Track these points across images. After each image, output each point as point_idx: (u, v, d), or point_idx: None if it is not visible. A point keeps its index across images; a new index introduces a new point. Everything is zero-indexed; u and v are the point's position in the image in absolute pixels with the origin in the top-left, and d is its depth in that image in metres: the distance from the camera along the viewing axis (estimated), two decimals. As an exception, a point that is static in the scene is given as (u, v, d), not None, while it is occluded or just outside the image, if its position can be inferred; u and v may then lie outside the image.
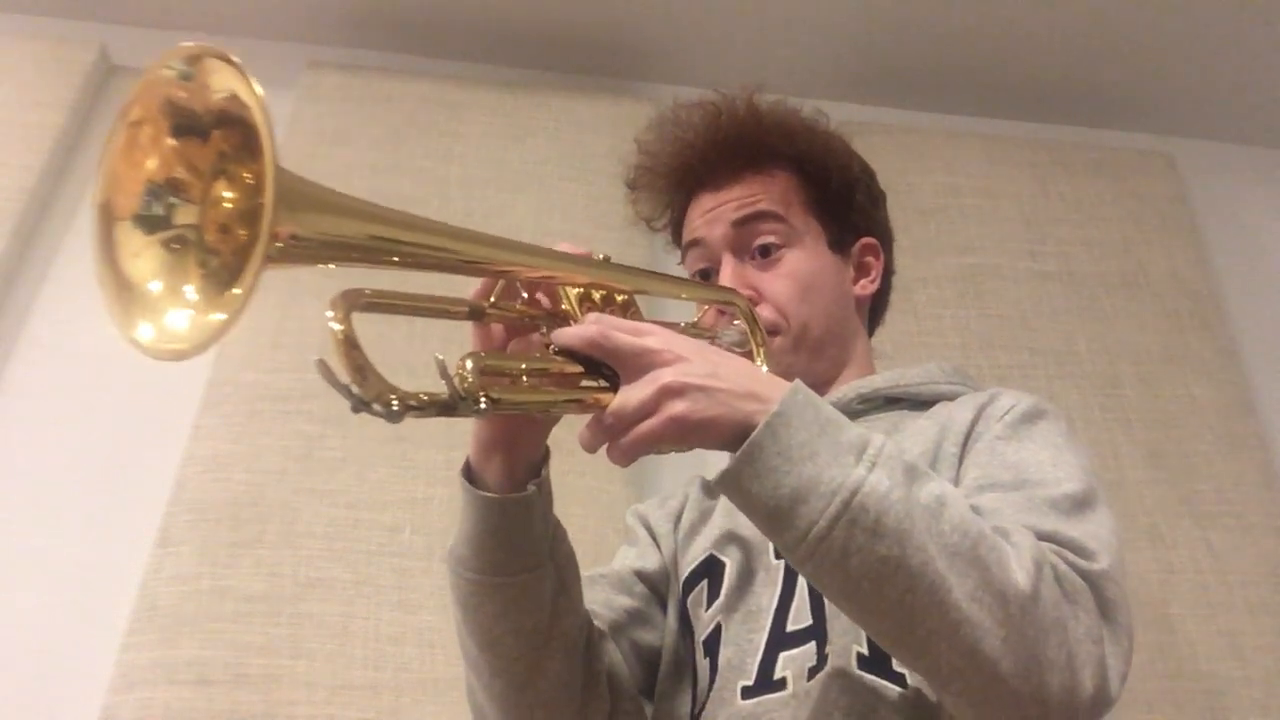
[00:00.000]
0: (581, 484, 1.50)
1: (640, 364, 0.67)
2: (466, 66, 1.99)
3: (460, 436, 1.47)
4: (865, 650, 0.79)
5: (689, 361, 0.67)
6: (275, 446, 1.51)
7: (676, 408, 0.65)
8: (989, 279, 1.86)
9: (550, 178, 1.83)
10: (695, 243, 1.06)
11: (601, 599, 0.96)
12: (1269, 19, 1.85)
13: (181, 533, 1.44)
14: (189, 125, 0.55)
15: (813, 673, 0.81)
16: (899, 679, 0.78)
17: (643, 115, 1.92)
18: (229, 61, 0.53)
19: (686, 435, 0.66)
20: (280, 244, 0.52)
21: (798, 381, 0.69)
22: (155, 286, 0.54)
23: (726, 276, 1.01)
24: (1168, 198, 2.00)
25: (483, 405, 0.62)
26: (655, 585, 1.01)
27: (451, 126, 1.86)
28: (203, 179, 0.55)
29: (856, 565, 0.63)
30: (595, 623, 0.92)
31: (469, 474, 0.80)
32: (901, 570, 0.63)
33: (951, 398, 0.96)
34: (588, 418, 0.69)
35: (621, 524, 1.48)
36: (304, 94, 1.86)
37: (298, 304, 1.62)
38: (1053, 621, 0.65)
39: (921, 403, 0.98)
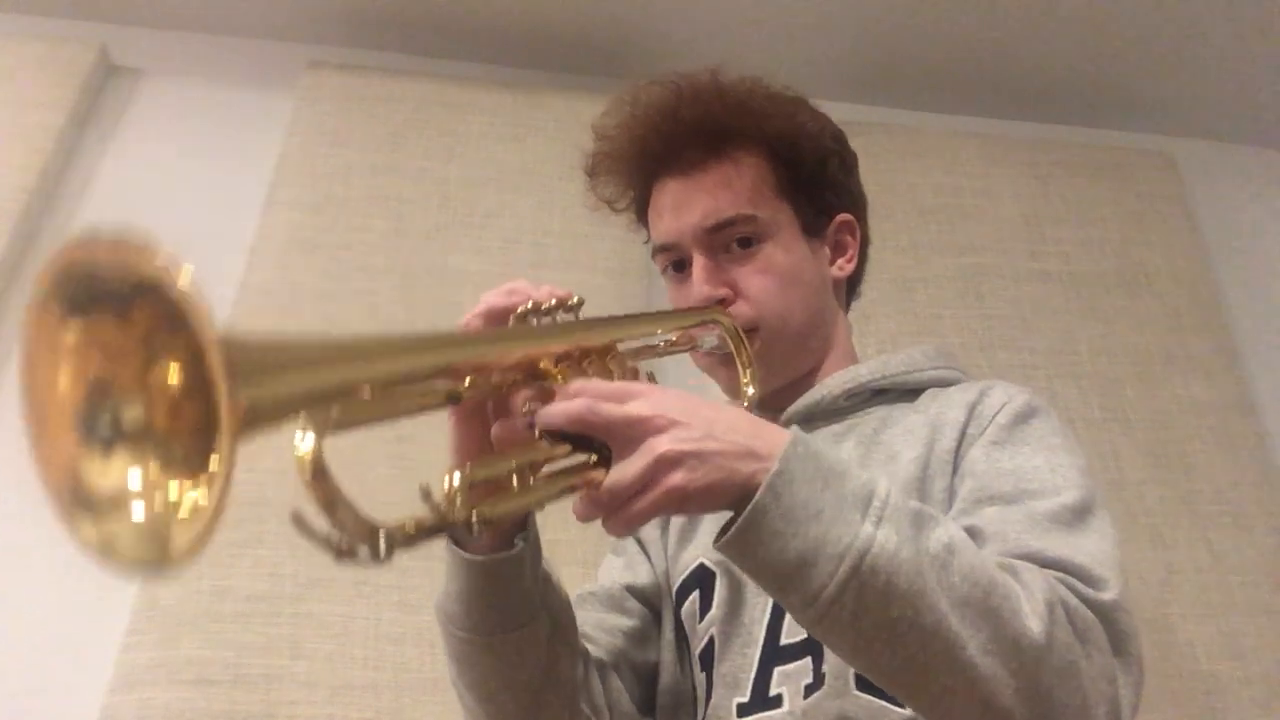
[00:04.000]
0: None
1: (632, 435, 0.63)
2: (466, 66, 1.99)
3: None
4: (877, 684, 0.77)
5: (682, 425, 0.63)
6: (275, 446, 1.50)
7: (674, 479, 0.62)
8: (989, 279, 1.85)
9: (550, 178, 1.82)
10: (665, 247, 1.01)
11: (594, 620, 0.94)
12: (1269, 19, 1.85)
13: (181, 533, 1.43)
14: (93, 305, 0.48)
15: (809, 690, 0.80)
16: (898, 700, 0.77)
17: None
18: (131, 244, 0.45)
19: (686, 504, 0.64)
20: (239, 418, 0.46)
21: (796, 432, 0.66)
22: (133, 487, 0.48)
23: (700, 275, 0.96)
24: (1168, 198, 2.00)
25: (476, 530, 0.59)
26: (648, 599, 0.99)
27: (451, 126, 1.86)
28: (134, 365, 0.48)
29: (868, 627, 0.62)
30: (592, 650, 0.90)
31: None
32: (914, 630, 0.62)
33: (940, 384, 0.94)
34: None
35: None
36: (304, 94, 1.86)
37: (297, 305, 1.63)
38: (1066, 665, 0.64)
39: (908, 391, 0.96)
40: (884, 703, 0.76)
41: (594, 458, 0.65)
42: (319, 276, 1.67)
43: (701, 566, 0.93)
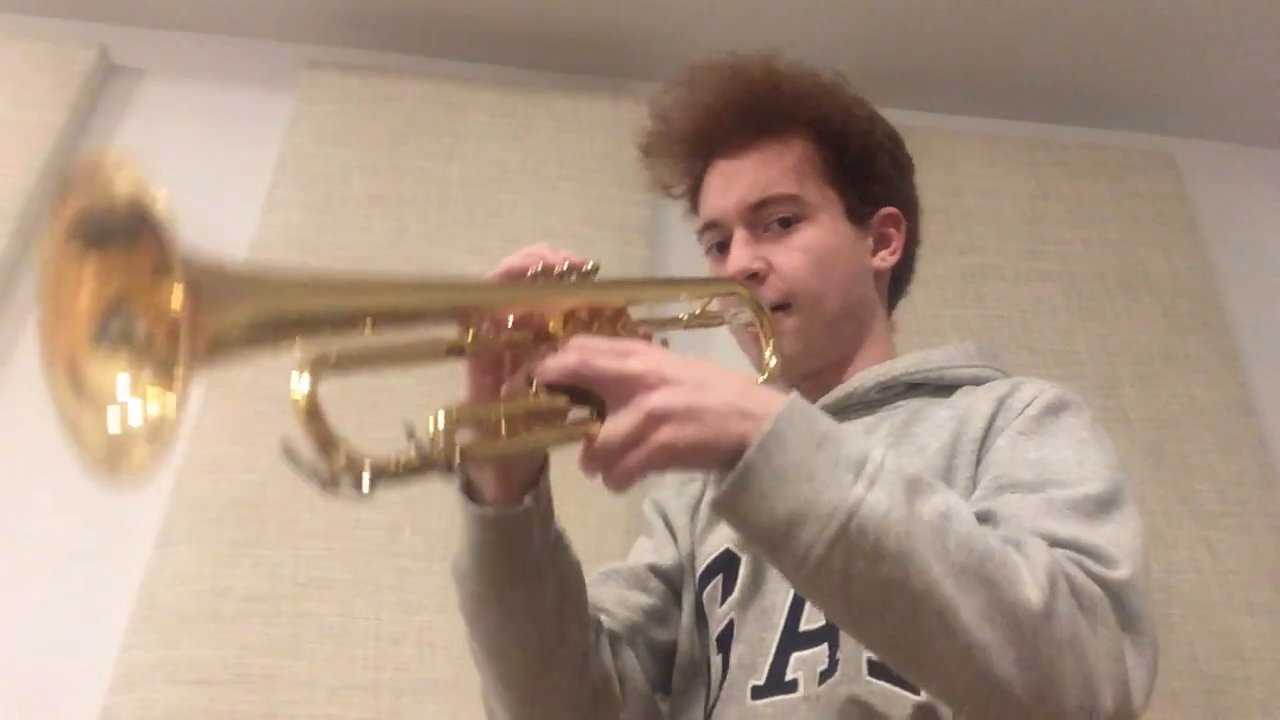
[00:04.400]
0: (581, 483, 1.50)
1: (625, 390, 0.64)
2: (466, 66, 1.99)
3: (460, 436, 1.43)
4: (875, 656, 0.77)
5: (675, 383, 0.64)
6: (275, 446, 1.50)
7: (663, 435, 0.62)
8: (989, 279, 1.86)
9: (550, 178, 1.83)
10: (710, 225, 1.03)
11: (615, 596, 0.95)
12: (1270, 19, 1.85)
13: (181, 533, 1.44)
14: (111, 241, 0.52)
15: (824, 676, 0.80)
16: (913, 685, 0.76)
17: (643, 115, 1.92)
18: (121, 160, 0.49)
19: (677, 461, 0.64)
20: (206, 342, 0.49)
21: (794, 394, 0.66)
22: (123, 390, 0.51)
23: (737, 249, 0.98)
24: (1168, 198, 2.00)
25: (455, 468, 0.60)
26: (671, 580, 0.99)
27: (451, 126, 1.86)
28: (144, 287, 0.52)
29: (858, 590, 0.61)
30: (608, 621, 0.91)
31: (466, 486, 0.79)
32: (905, 593, 0.61)
33: (976, 382, 0.93)
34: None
35: (620, 523, 1.49)
36: (304, 94, 1.86)
37: (298, 304, 1.62)
38: (1068, 639, 0.62)
39: (944, 387, 0.95)
40: (897, 689, 0.76)
41: (590, 411, 0.66)
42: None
43: (727, 552, 0.94)
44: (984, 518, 0.72)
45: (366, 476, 0.54)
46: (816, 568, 0.61)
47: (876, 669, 0.77)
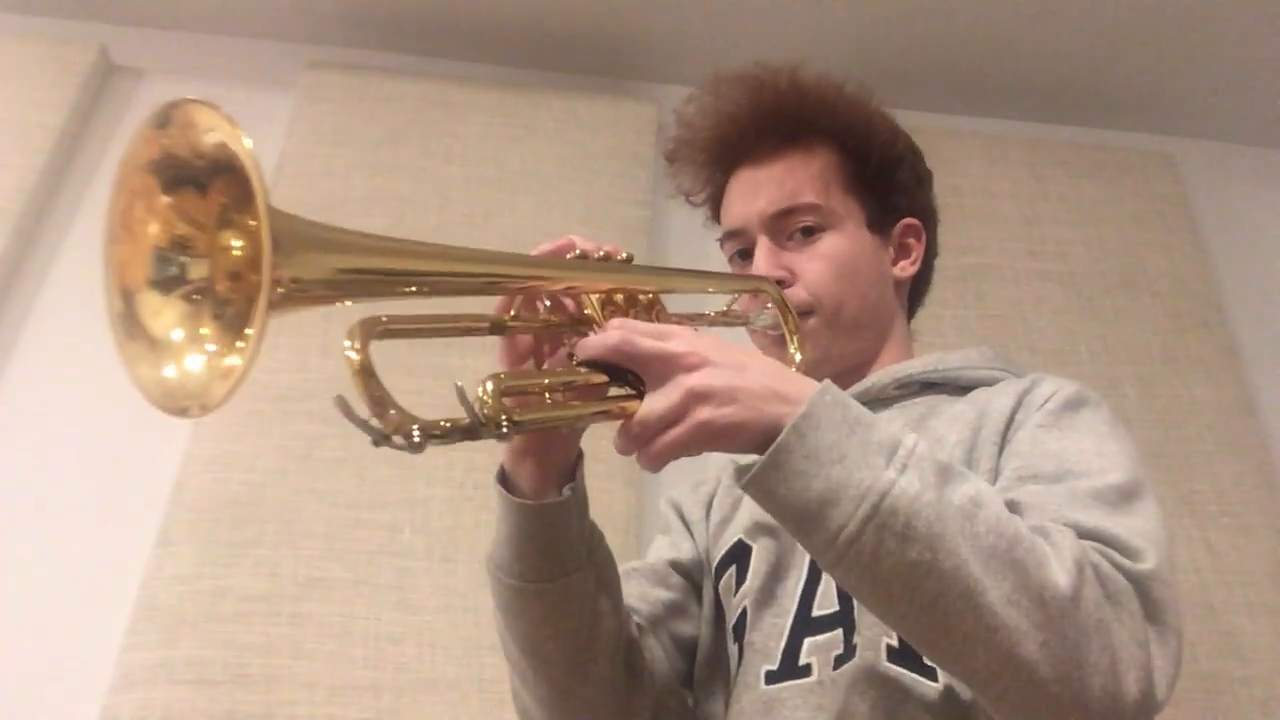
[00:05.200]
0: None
1: (665, 369, 0.66)
2: (466, 66, 1.99)
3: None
4: (895, 643, 0.78)
5: (714, 365, 0.66)
6: (275, 446, 1.51)
7: (702, 414, 0.64)
8: (989, 279, 1.86)
9: (550, 178, 1.83)
10: (733, 233, 1.04)
11: (637, 592, 0.96)
12: (1269, 19, 1.85)
13: (181, 533, 1.44)
14: (183, 180, 0.54)
15: (839, 661, 0.80)
16: (931, 673, 0.77)
17: (643, 115, 1.93)
18: (208, 106, 0.52)
19: (713, 440, 0.65)
20: (283, 289, 0.52)
21: (827, 382, 0.68)
22: (177, 335, 0.54)
23: (761, 257, 0.99)
24: (1168, 198, 2.00)
25: (505, 429, 0.61)
26: (690, 575, 1.00)
27: (451, 126, 1.86)
28: (208, 231, 0.55)
29: (887, 569, 0.62)
30: (634, 618, 0.91)
31: (504, 479, 0.79)
32: (933, 574, 0.61)
33: (991, 384, 0.94)
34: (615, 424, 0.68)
35: (622, 527, 1.49)
36: (304, 94, 1.86)
37: (298, 304, 1.63)
38: (1094, 624, 0.63)
39: (960, 388, 0.96)
40: (916, 675, 0.76)
41: (629, 390, 0.68)
42: (319, 276, 1.67)
43: (740, 543, 0.95)
44: (1008, 507, 0.72)
45: (417, 433, 0.56)
46: (847, 547, 0.62)
47: (896, 655, 0.78)
